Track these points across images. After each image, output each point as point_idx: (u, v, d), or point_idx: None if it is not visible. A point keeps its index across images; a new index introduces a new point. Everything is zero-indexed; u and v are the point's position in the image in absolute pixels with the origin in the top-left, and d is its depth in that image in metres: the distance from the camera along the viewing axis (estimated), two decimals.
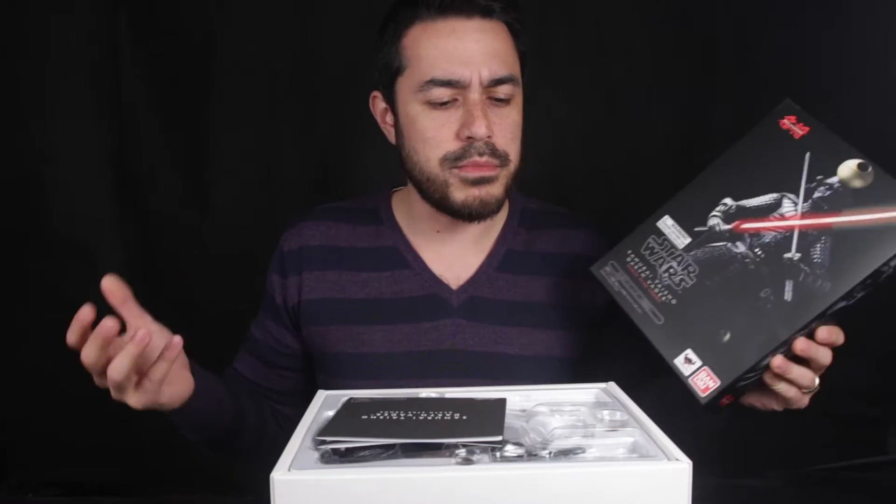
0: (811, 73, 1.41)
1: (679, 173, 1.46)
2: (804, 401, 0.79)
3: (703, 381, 0.74)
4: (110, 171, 1.48)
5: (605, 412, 0.63)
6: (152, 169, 1.49)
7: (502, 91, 0.87)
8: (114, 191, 1.48)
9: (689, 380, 0.75)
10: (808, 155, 0.77)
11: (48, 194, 1.47)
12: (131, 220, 1.49)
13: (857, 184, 0.74)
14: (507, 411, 0.61)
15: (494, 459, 0.53)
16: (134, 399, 0.75)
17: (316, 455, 0.54)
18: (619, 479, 0.50)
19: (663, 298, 0.80)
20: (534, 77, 0.97)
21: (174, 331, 1.42)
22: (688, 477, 0.50)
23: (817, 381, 0.78)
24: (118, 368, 0.71)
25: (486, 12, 0.87)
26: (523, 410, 0.65)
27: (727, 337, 0.75)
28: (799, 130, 0.79)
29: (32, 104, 1.45)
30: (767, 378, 0.76)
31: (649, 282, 0.82)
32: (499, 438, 0.54)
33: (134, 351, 0.70)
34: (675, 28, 1.47)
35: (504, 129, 0.88)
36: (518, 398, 0.67)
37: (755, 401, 0.81)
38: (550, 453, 0.54)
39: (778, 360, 0.74)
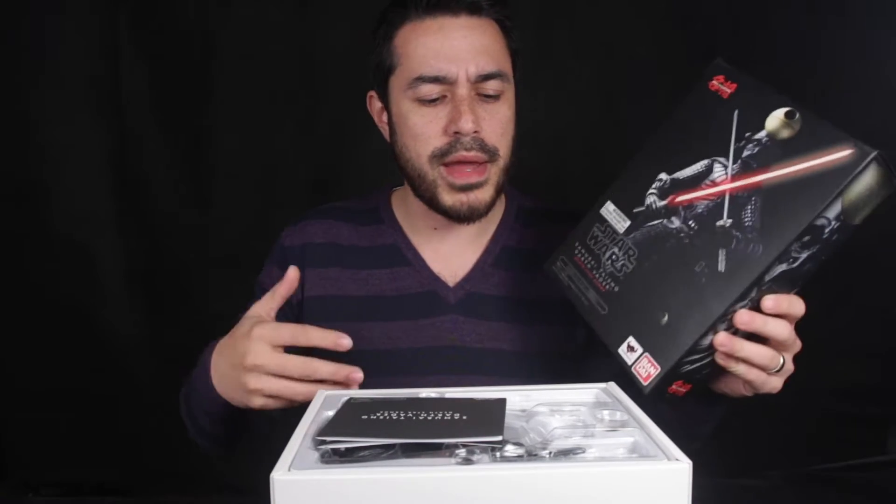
0: (811, 73, 1.42)
1: None
2: (772, 383, 0.72)
3: (645, 369, 0.70)
4: (110, 171, 1.48)
5: (605, 412, 0.63)
6: (152, 169, 1.49)
7: (491, 87, 0.88)
8: (114, 191, 1.48)
9: (632, 369, 0.71)
10: (736, 113, 0.72)
11: (48, 194, 1.47)
12: (131, 220, 1.49)
13: (785, 134, 0.68)
14: (507, 411, 0.61)
15: (494, 459, 0.53)
16: (262, 402, 0.77)
17: (316, 455, 0.54)
18: (619, 479, 0.50)
19: (607, 287, 0.76)
20: (535, 77, 0.97)
21: (173, 329, 1.42)
22: (688, 477, 0.50)
23: (783, 359, 0.71)
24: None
25: (473, 9, 0.88)
26: (523, 410, 0.65)
27: (665, 319, 0.70)
28: (727, 89, 0.74)
29: (33, 104, 1.45)
30: (720, 360, 0.70)
31: (594, 272, 0.78)
32: (499, 438, 0.54)
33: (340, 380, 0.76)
34: (675, 28, 1.47)
35: (493, 124, 0.88)
36: (518, 398, 0.67)
37: (724, 387, 0.77)
38: (550, 453, 0.54)
39: (721, 338, 0.68)
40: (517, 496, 0.49)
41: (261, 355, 0.74)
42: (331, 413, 0.63)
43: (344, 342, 0.76)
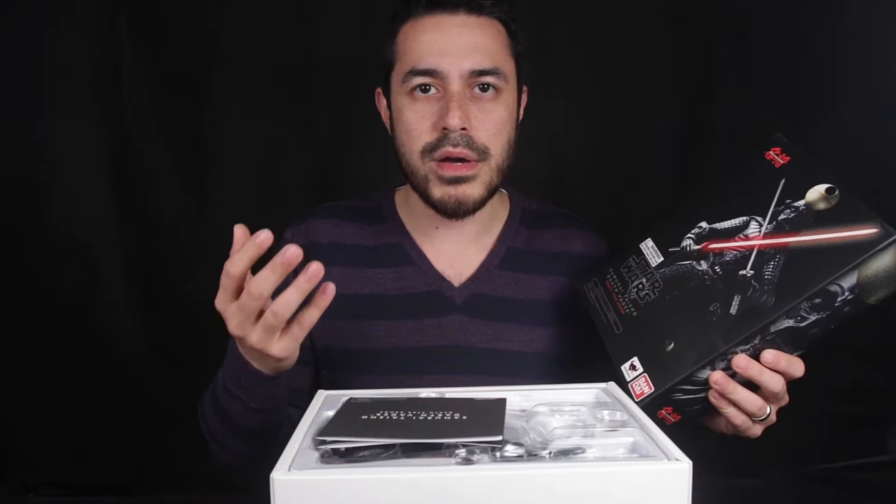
0: (811, 73, 1.42)
1: (679, 173, 1.48)
2: (754, 430, 0.77)
3: (640, 387, 0.75)
4: (110, 171, 1.48)
5: (605, 412, 0.63)
6: (152, 169, 1.49)
7: (484, 81, 0.88)
8: (114, 190, 1.48)
9: (629, 385, 0.76)
10: (782, 181, 0.78)
11: (48, 194, 1.47)
12: (131, 219, 1.49)
13: (822, 206, 0.73)
14: (507, 411, 0.61)
15: (494, 459, 0.53)
16: (280, 346, 0.68)
17: (316, 455, 0.54)
18: (619, 479, 0.50)
19: (627, 311, 0.83)
20: (534, 78, 0.98)
21: (173, 329, 1.42)
22: (688, 477, 0.50)
23: (769, 409, 0.75)
24: (289, 302, 0.65)
25: (472, 8, 0.88)
26: (523, 410, 0.65)
27: (670, 347, 0.76)
28: (780, 160, 0.80)
29: (32, 104, 1.45)
30: (712, 398, 0.74)
31: (619, 296, 0.85)
32: (499, 438, 0.54)
33: (307, 287, 0.65)
34: (675, 28, 1.47)
35: (486, 123, 0.88)
36: (518, 398, 0.67)
37: (708, 421, 0.81)
38: (550, 453, 0.54)
39: (716, 376, 0.72)
40: (517, 496, 0.49)
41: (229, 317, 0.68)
42: (331, 413, 0.63)
43: (292, 250, 0.65)
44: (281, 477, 0.49)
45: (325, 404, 0.66)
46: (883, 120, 1.40)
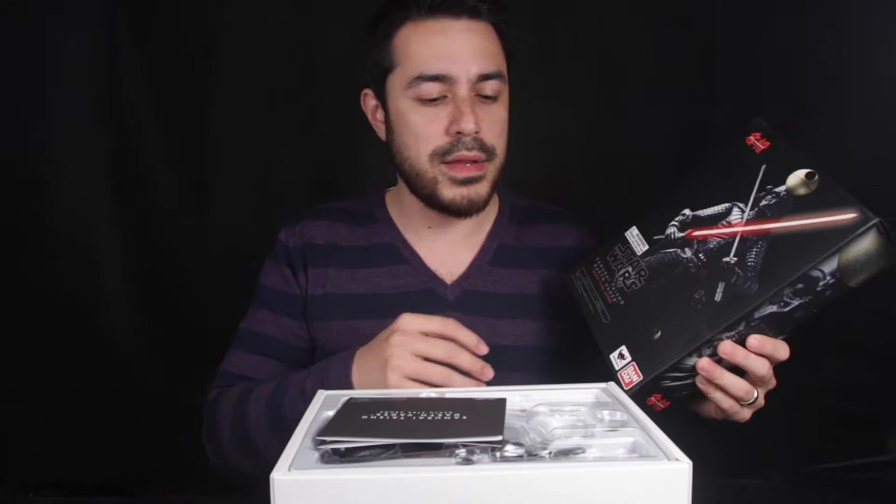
0: (811, 74, 1.42)
1: (678, 173, 1.47)
2: (743, 413, 0.78)
3: (629, 375, 0.76)
4: (110, 171, 1.48)
5: (605, 412, 0.63)
6: (152, 169, 1.49)
7: (489, 87, 0.90)
8: (114, 191, 1.48)
9: (618, 374, 0.77)
10: (763, 167, 0.79)
11: (48, 194, 1.47)
12: (131, 220, 1.49)
13: (802, 191, 0.74)
14: (507, 411, 0.61)
15: (494, 459, 0.53)
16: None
17: (316, 455, 0.54)
18: (619, 479, 0.50)
19: (614, 300, 0.83)
20: (534, 78, 0.98)
21: (173, 329, 1.42)
22: (688, 477, 0.50)
23: (757, 393, 0.76)
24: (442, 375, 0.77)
25: (474, 13, 0.90)
26: (523, 410, 0.65)
27: (657, 335, 0.77)
28: (761, 145, 0.81)
29: (32, 104, 1.44)
30: (700, 383, 0.75)
31: (606, 285, 0.85)
32: (499, 438, 0.54)
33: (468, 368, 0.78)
34: (675, 28, 1.47)
35: (492, 124, 0.90)
36: (518, 398, 0.67)
37: (697, 406, 0.82)
38: (550, 453, 0.54)
39: (703, 362, 0.73)
40: (517, 496, 0.49)
41: (404, 352, 0.77)
42: (331, 413, 0.63)
43: (483, 348, 0.80)
44: (281, 477, 0.49)
45: (325, 404, 0.66)
46: (883, 119, 1.40)
